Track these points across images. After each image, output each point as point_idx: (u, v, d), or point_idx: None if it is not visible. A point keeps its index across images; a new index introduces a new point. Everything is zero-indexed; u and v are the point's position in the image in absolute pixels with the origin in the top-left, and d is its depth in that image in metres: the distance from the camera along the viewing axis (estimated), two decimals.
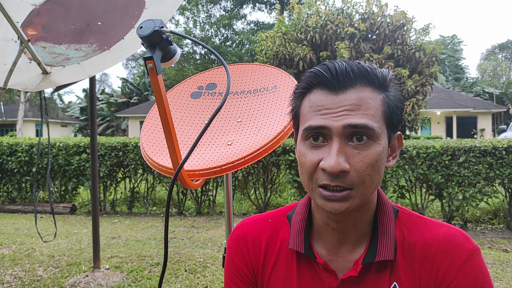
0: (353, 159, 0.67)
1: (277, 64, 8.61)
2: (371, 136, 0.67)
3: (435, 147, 4.92)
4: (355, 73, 0.69)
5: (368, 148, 0.67)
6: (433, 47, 8.83)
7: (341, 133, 0.67)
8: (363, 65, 0.71)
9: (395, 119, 0.73)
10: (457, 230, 0.74)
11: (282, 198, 6.26)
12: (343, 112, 0.67)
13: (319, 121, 0.68)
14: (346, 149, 0.67)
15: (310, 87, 0.72)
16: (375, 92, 0.70)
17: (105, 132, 28.32)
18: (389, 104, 0.71)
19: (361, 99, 0.68)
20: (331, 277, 0.76)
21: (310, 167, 0.69)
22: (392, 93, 0.73)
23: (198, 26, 26.70)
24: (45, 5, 2.18)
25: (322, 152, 0.68)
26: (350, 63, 0.70)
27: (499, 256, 3.78)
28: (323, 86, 0.70)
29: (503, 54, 43.00)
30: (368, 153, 0.67)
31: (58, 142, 6.05)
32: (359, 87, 0.69)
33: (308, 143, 0.70)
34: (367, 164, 0.67)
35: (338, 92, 0.69)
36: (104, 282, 2.98)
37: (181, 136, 1.49)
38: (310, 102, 0.71)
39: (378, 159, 0.68)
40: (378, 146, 0.68)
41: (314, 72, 0.72)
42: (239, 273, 0.84)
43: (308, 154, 0.70)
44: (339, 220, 0.74)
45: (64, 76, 1.94)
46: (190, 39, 1.00)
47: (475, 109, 22.89)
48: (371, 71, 0.70)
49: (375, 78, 0.70)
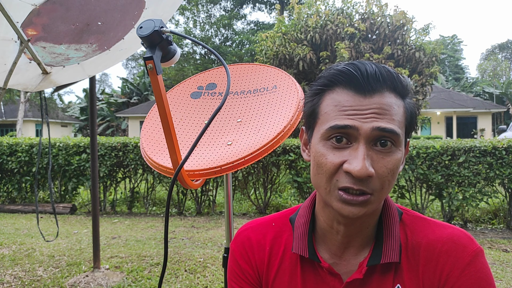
0: (377, 164, 0.66)
1: (277, 64, 8.60)
2: (395, 142, 0.67)
3: (435, 147, 4.92)
4: (384, 77, 0.68)
5: (391, 154, 0.67)
6: (433, 47, 8.82)
7: (369, 135, 0.65)
8: (390, 70, 0.70)
9: (412, 126, 0.73)
10: (461, 232, 0.74)
11: (282, 198, 6.26)
12: (371, 115, 0.66)
13: (347, 121, 0.66)
14: (372, 154, 0.66)
15: (333, 84, 0.70)
16: (399, 99, 0.70)
17: (105, 132, 28.32)
18: (410, 111, 0.71)
19: (388, 104, 0.67)
20: (335, 281, 0.75)
21: (331, 169, 0.67)
22: (410, 101, 0.73)
23: (198, 26, 26.70)
24: (45, 5, 2.18)
25: (346, 154, 0.66)
26: (379, 66, 0.69)
27: (499, 256, 3.78)
28: (349, 86, 0.68)
29: (503, 54, 43.00)
30: (391, 159, 0.67)
31: (58, 142, 6.05)
32: (385, 92, 0.68)
33: (329, 143, 0.68)
34: (389, 169, 0.66)
35: (366, 95, 0.67)
36: (104, 282, 2.98)
37: (181, 136, 1.49)
38: (334, 101, 0.69)
39: (398, 165, 0.68)
40: (399, 152, 0.68)
41: (342, 70, 0.69)
42: (245, 275, 0.83)
43: (329, 155, 0.67)
44: (348, 224, 0.73)
45: (64, 76, 1.94)
46: (190, 39, 1.00)
47: (475, 109, 22.89)
48: (397, 77, 0.69)
49: (399, 84, 0.70)
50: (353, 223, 0.73)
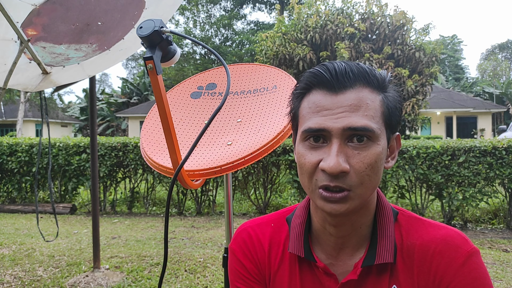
0: (353, 159, 0.66)
1: (277, 64, 8.61)
2: (371, 137, 0.67)
3: (435, 147, 4.92)
4: (355, 73, 0.69)
5: (368, 148, 0.67)
6: (433, 47, 8.83)
7: (341, 134, 0.66)
8: (362, 65, 0.71)
9: (394, 120, 0.72)
10: (455, 232, 0.74)
11: (282, 198, 6.26)
12: (343, 114, 0.66)
13: (319, 123, 0.67)
14: (346, 150, 0.67)
15: (309, 87, 0.72)
16: (374, 93, 0.70)
17: (105, 132, 28.32)
18: (388, 105, 0.71)
19: (360, 99, 0.67)
20: (331, 281, 0.75)
21: (310, 168, 0.69)
22: (390, 94, 0.72)
23: (198, 26, 26.70)
24: (45, 5, 2.18)
25: (322, 153, 0.68)
26: (349, 63, 0.70)
27: (499, 256, 3.78)
28: (322, 86, 0.70)
29: (503, 54, 43.01)
30: (367, 154, 0.67)
31: (58, 142, 6.05)
32: (358, 88, 0.68)
33: (307, 144, 0.70)
34: (367, 164, 0.66)
35: (338, 92, 0.68)
36: (104, 282, 2.98)
37: (181, 136, 1.49)
38: (309, 102, 0.71)
39: (378, 159, 0.68)
40: (378, 147, 0.68)
41: (313, 72, 0.71)
42: (250, 274, 0.82)
43: (308, 155, 0.69)
44: (337, 224, 0.73)
45: (64, 76, 1.94)
46: (190, 39, 1.00)
47: (475, 109, 22.89)
48: (370, 72, 0.70)
49: (374, 78, 0.70)
50: (343, 223, 0.73)
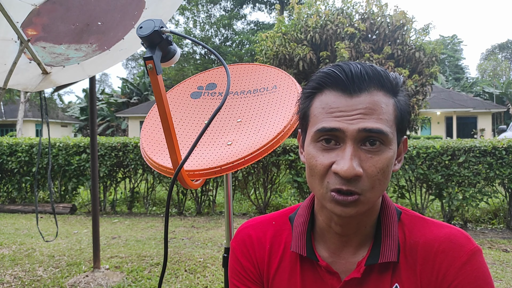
0: (365, 163, 0.66)
1: (277, 64, 8.60)
2: (384, 141, 0.67)
3: (435, 147, 4.92)
4: (370, 76, 0.68)
5: (381, 153, 0.67)
6: (433, 47, 8.82)
7: (355, 136, 0.66)
8: (377, 68, 0.70)
9: (404, 124, 0.72)
10: (458, 231, 0.74)
11: (282, 198, 6.26)
12: (358, 116, 0.66)
13: (333, 123, 0.66)
14: (359, 153, 0.66)
15: (321, 87, 0.71)
16: (388, 97, 0.69)
17: (105, 132, 28.32)
18: (400, 108, 0.71)
19: (375, 103, 0.67)
20: (334, 279, 0.76)
21: (321, 170, 0.68)
22: (402, 98, 0.72)
23: (198, 26, 26.70)
24: (45, 5, 2.18)
25: (335, 155, 0.67)
26: (364, 65, 0.69)
27: (499, 256, 3.78)
28: (336, 87, 0.69)
29: (503, 54, 43.03)
30: (380, 158, 0.66)
31: (58, 142, 6.05)
32: (373, 91, 0.68)
33: (319, 145, 0.69)
34: (379, 169, 0.66)
35: (353, 94, 0.67)
36: (104, 282, 2.98)
37: (181, 136, 1.49)
38: (322, 103, 0.70)
39: (389, 164, 0.67)
40: (390, 151, 0.68)
41: (327, 72, 0.70)
42: (247, 273, 0.83)
43: (319, 157, 0.68)
44: (343, 224, 0.74)
45: (64, 76, 1.94)
46: (190, 39, 1.00)
47: (475, 109, 22.89)
48: (385, 75, 0.69)
49: (388, 82, 0.69)
50: (349, 223, 0.73)
